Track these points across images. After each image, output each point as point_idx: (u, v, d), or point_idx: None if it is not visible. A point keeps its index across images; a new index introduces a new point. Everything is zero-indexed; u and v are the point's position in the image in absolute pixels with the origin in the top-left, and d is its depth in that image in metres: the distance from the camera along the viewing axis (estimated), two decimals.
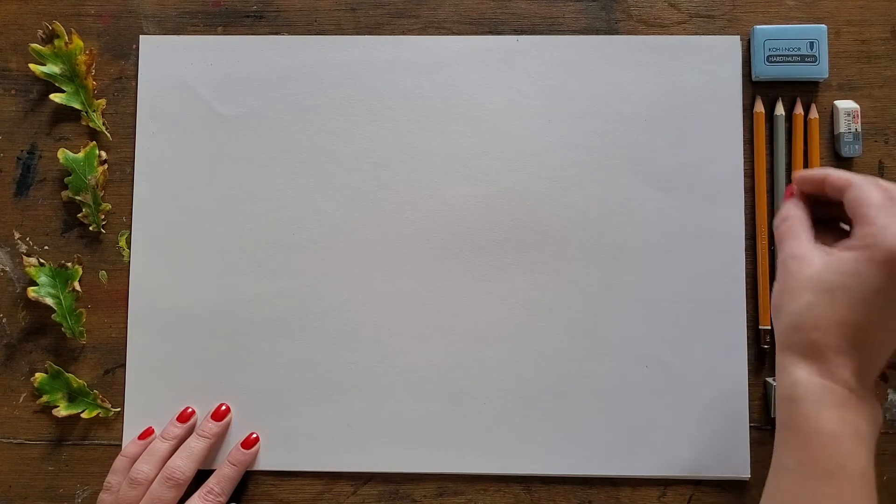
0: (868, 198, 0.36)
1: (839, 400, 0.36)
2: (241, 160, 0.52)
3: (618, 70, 0.52)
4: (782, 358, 0.38)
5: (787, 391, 0.37)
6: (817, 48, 0.50)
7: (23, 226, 0.53)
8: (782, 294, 0.38)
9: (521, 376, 0.50)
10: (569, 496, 0.50)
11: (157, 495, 0.46)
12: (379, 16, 0.53)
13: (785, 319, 0.38)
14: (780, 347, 0.38)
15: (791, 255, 0.39)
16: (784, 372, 0.37)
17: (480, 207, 0.51)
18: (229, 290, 0.51)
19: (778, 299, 0.39)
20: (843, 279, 0.36)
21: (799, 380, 0.36)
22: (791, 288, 0.38)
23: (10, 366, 0.52)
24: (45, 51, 0.52)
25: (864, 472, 0.35)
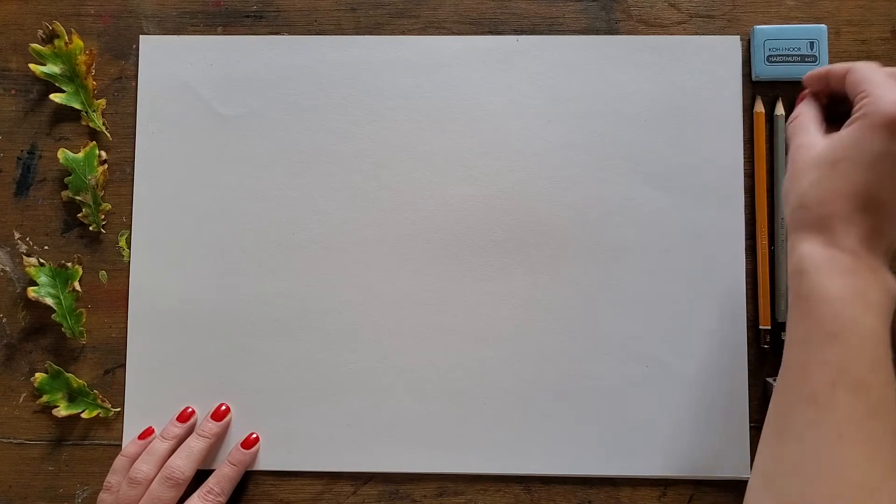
0: (866, 75, 0.38)
1: (845, 267, 0.36)
2: (241, 160, 0.52)
3: (618, 70, 0.52)
4: (791, 238, 0.38)
5: (795, 265, 0.37)
6: (817, 48, 0.50)
7: (23, 226, 0.53)
8: (790, 181, 0.39)
9: (521, 376, 0.50)
10: (569, 496, 0.50)
11: (156, 495, 0.46)
12: (379, 16, 0.53)
13: (792, 201, 0.38)
14: (790, 229, 0.39)
15: (798, 145, 0.40)
16: (793, 250, 0.38)
17: (480, 207, 0.51)
18: (229, 290, 0.51)
19: (786, 186, 0.40)
20: (845, 151, 0.37)
21: (805, 253, 0.37)
22: (796, 172, 0.39)
23: (10, 366, 0.52)
24: (45, 51, 0.52)
25: (872, 334, 0.35)
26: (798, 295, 0.37)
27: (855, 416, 0.34)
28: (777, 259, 0.50)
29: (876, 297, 0.36)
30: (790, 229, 0.39)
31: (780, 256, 0.50)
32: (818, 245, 0.37)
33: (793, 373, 0.37)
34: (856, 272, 0.36)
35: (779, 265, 0.50)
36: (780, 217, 0.50)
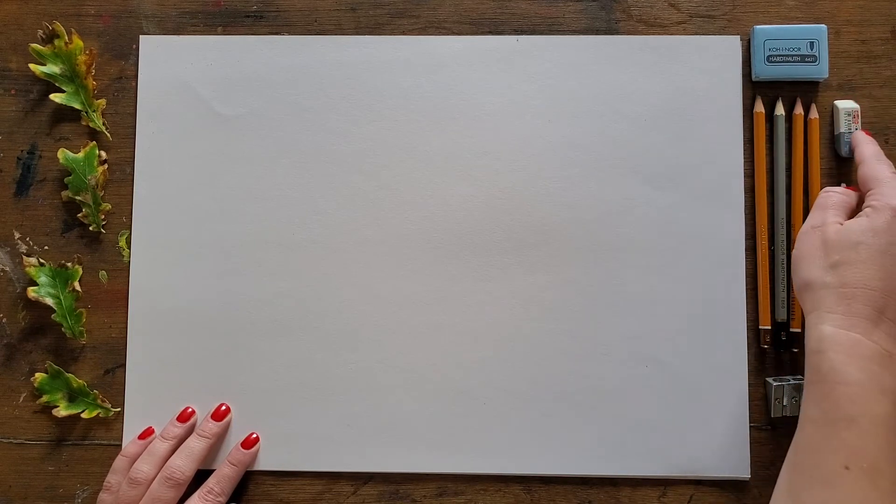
0: (876, 172, 0.42)
1: (865, 352, 0.37)
2: (241, 160, 0.52)
3: (618, 70, 0.52)
4: (810, 316, 0.40)
5: (815, 345, 0.38)
6: (817, 48, 0.50)
7: (23, 226, 0.53)
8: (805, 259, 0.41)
9: (521, 376, 0.50)
10: (569, 496, 0.50)
11: (156, 495, 0.47)
12: (379, 16, 0.53)
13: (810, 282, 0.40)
14: (809, 307, 0.40)
15: (814, 224, 0.42)
16: (812, 329, 0.39)
17: (480, 207, 0.51)
18: (229, 290, 0.51)
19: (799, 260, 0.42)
20: (862, 236, 0.39)
21: (825, 333, 0.38)
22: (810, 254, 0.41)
23: (10, 366, 0.52)
24: (45, 51, 0.52)
25: (887, 420, 0.36)
26: (816, 376, 0.38)
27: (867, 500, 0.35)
28: (777, 259, 0.50)
29: (892, 384, 0.37)
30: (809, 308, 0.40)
31: (779, 256, 0.50)
32: (839, 327, 0.38)
33: (806, 452, 0.37)
34: (874, 357, 0.37)
35: (778, 265, 0.50)
36: (781, 217, 0.50)
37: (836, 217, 0.42)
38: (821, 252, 0.41)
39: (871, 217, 0.40)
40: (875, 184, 0.42)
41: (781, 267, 0.50)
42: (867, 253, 0.39)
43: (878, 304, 0.38)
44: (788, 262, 0.50)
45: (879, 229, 0.39)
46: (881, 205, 0.40)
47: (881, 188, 0.41)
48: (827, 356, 0.38)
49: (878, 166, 0.43)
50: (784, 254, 0.50)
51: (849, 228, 0.40)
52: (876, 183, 0.42)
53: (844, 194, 0.44)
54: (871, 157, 0.44)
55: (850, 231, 0.40)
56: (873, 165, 0.43)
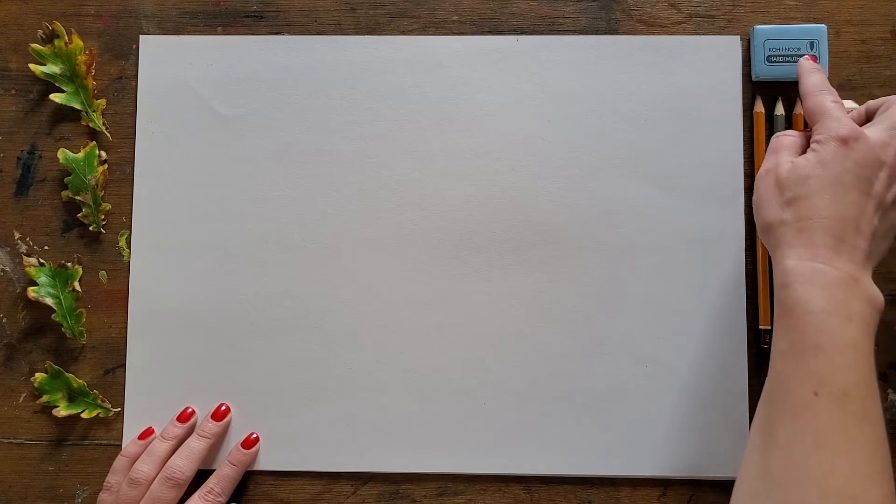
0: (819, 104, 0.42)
1: (829, 279, 0.37)
2: (241, 160, 0.52)
3: (618, 70, 0.52)
4: (775, 254, 0.40)
5: (780, 280, 0.39)
6: (817, 48, 0.50)
7: (23, 226, 0.53)
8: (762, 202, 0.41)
9: (521, 376, 0.50)
10: (569, 496, 0.50)
11: (157, 495, 0.47)
12: (379, 16, 0.53)
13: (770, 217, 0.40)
14: (772, 246, 0.40)
15: (767, 168, 0.42)
16: (777, 266, 0.39)
17: (480, 207, 0.51)
18: (229, 290, 0.51)
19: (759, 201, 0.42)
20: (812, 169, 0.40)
21: (789, 267, 0.38)
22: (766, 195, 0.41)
23: (10, 366, 0.52)
24: (45, 51, 0.52)
25: (855, 345, 0.36)
26: (783, 307, 0.38)
27: (837, 425, 0.35)
28: None
29: (858, 309, 0.37)
30: (772, 246, 0.40)
31: None
32: (803, 258, 0.38)
33: (777, 384, 0.38)
34: (839, 285, 0.37)
35: None
36: None
37: (788, 157, 0.42)
38: (776, 192, 0.41)
39: (818, 150, 0.40)
40: (819, 116, 0.42)
41: None
42: (818, 184, 0.39)
43: (836, 231, 0.38)
44: None
45: (827, 160, 0.39)
46: (825, 137, 0.40)
47: (824, 121, 0.41)
48: (792, 289, 0.38)
49: (820, 98, 0.42)
50: None
51: (798, 165, 0.40)
52: (820, 115, 0.42)
53: (796, 136, 0.43)
54: (814, 88, 0.43)
55: (800, 167, 0.40)
56: (815, 97, 0.43)
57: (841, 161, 0.39)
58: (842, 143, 0.39)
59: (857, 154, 0.39)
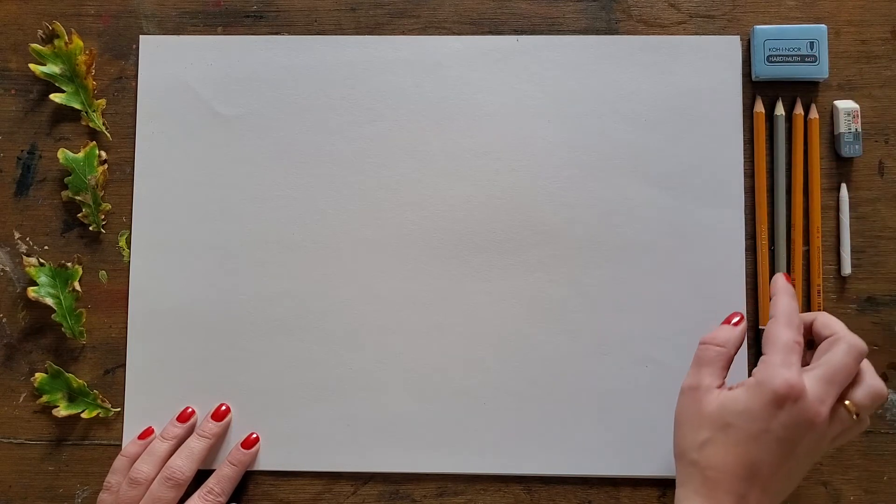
0: (775, 338, 0.40)
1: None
2: (241, 160, 0.52)
3: (618, 70, 0.52)
4: (679, 489, 0.40)
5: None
6: (817, 48, 0.50)
7: (23, 226, 0.53)
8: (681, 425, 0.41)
9: (521, 376, 0.50)
10: (569, 496, 0.50)
11: (157, 495, 0.46)
12: (379, 16, 0.53)
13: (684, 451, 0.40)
14: (679, 478, 0.40)
15: (691, 385, 0.42)
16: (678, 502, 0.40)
17: (480, 207, 0.51)
18: (229, 290, 0.51)
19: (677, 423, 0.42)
20: (736, 417, 0.39)
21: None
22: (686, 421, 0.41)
23: (10, 366, 0.52)
24: (45, 51, 0.52)
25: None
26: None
27: None
28: (777, 259, 0.50)
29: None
30: (679, 481, 0.40)
31: (779, 256, 0.50)
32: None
33: None
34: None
35: (779, 265, 0.50)
36: (781, 217, 0.50)
37: (713, 378, 0.41)
38: (695, 421, 0.40)
39: (748, 393, 0.39)
40: (769, 349, 0.40)
41: (781, 267, 0.50)
42: (736, 437, 0.38)
43: (741, 491, 0.38)
44: (788, 262, 0.50)
45: (754, 413, 0.38)
46: (762, 382, 0.38)
47: (772, 357, 0.39)
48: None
49: (783, 330, 0.40)
50: (784, 254, 0.50)
51: (723, 405, 0.39)
52: (770, 349, 0.40)
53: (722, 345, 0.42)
54: (781, 316, 0.41)
55: (725, 408, 0.39)
56: (777, 330, 0.40)
57: (768, 419, 0.38)
58: (775, 400, 0.38)
59: (788, 416, 0.38)
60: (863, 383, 0.40)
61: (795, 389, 0.38)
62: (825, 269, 0.50)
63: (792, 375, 0.38)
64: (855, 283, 0.50)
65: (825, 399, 0.38)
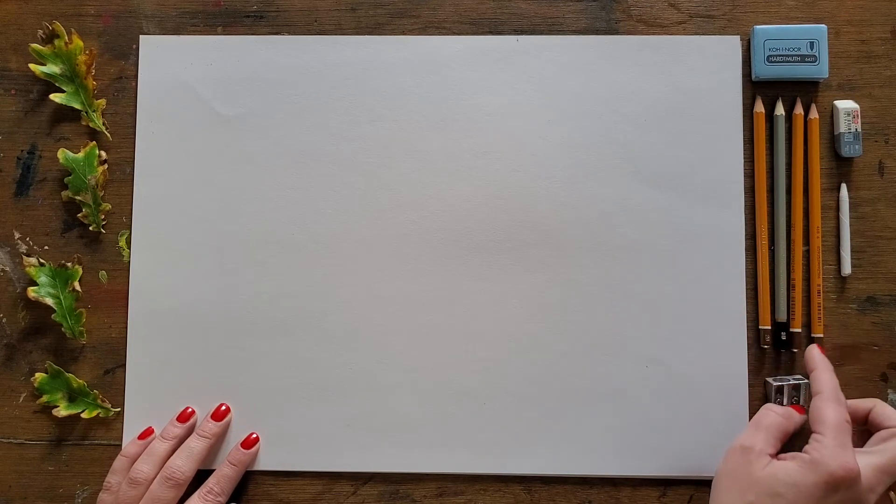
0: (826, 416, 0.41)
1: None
2: (241, 160, 0.52)
3: (618, 70, 0.52)
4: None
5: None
6: (817, 48, 0.50)
7: (23, 226, 0.53)
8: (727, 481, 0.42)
9: (521, 376, 0.50)
10: (569, 496, 0.50)
11: (156, 495, 0.46)
12: (379, 16, 0.53)
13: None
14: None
15: (745, 445, 0.42)
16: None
17: (480, 207, 0.51)
18: (229, 290, 0.51)
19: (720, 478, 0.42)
20: (786, 488, 0.39)
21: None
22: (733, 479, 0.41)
23: (10, 366, 0.52)
24: (45, 51, 0.52)
25: None
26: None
27: None
28: (777, 259, 0.50)
29: None
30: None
31: (779, 256, 0.50)
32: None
33: None
34: None
35: (779, 265, 0.50)
36: (781, 217, 0.50)
37: (768, 444, 0.42)
38: (742, 482, 0.41)
39: (802, 469, 0.39)
40: (823, 428, 0.41)
41: (781, 267, 0.50)
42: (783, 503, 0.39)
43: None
44: (788, 262, 0.50)
45: (804, 489, 0.39)
46: (819, 462, 0.39)
47: (827, 438, 0.40)
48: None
49: (832, 406, 0.41)
50: (784, 254, 0.50)
51: (775, 474, 0.40)
52: (825, 428, 0.41)
53: (784, 416, 0.43)
54: (828, 392, 0.42)
55: (776, 478, 0.40)
56: (827, 404, 0.42)
57: (819, 498, 0.38)
58: (830, 483, 0.38)
59: (840, 499, 0.38)
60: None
61: (852, 474, 0.38)
62: (825, 269, 0.50)
63: (849, 460, 0.39)
64: (855, 283, 0.50)
65: (876, 488, 0.39)
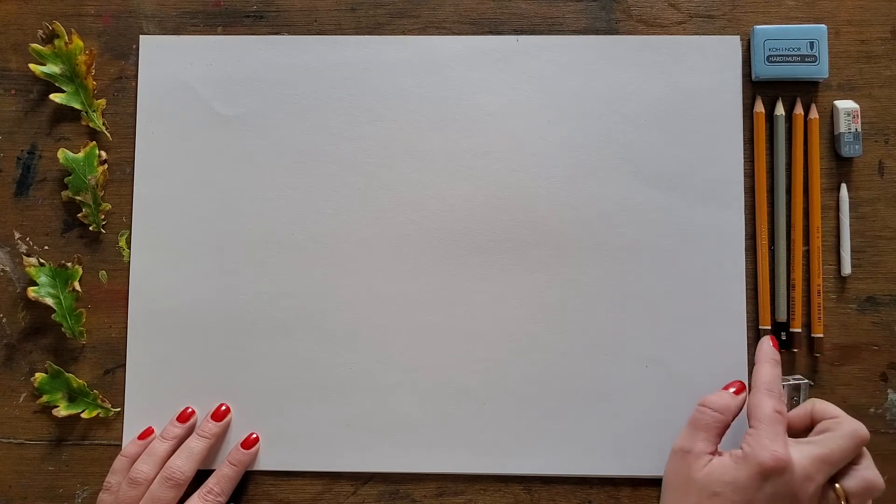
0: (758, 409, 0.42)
1: None
2: (241, 160, 0.52)
3: (618, 70, 0.52)
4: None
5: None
6: (817, 48, 0.50)
7: (23, 226, 0.53)
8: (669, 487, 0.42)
9: (521, 376, 0.50)
10: (569, 496, 0.50)
11: (156, 495, 0.46)
12: (379, 16, 0.53)
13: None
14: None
15: (683, 448, 0.42)
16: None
17: (480, 207, 0.51)
18: (229, 290, 0.51)
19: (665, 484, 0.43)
20: (723, 487, 0.40)
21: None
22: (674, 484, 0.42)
23: (10, 366, 0.52)
24: (45, 51, 0.52)
25: None
26: None
27: None
28: (777, 259, 0.50)
29: None
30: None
31: (779, 256, 0.50)
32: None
33: None
34: None
35: (779, 265, 0.50)
36: (781, 217, 0.50)
37: (707, 443, 0.42)
38: (682, 486, 0.41)
39: (737, 465, 0.40)
40: (754, 422, 0.41)
41: (781, 267, 0.50)
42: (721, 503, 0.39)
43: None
44: (788, 262, 0.50)
45: (739, 484, 0.39)
46: (749, 455, 0.40)
47: (758, 430, 0.40)
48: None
49: (764, 400, 0.42)
50: (784, 254, 0.50)
51: (711, 473, 0.40)
52: (755, 421, 0.41)
53: (720, 411, 0.43)
54: (762, 385, 0.43)
55: (712, 477, 0.40)
56: (760, 399, 0.42)
57: (753, 490, 0.39)
58: (761, 473, 0.39)
59: (773, 488, 0.38)
60: (858, 471, 0.41)
61: (781, 462, 0.39)
62: (825, 269, 0.50)
63: (778, 448, 0.39)
64: (855, 283, 0.50)
65: (814, 477, 0.39)
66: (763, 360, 0.45)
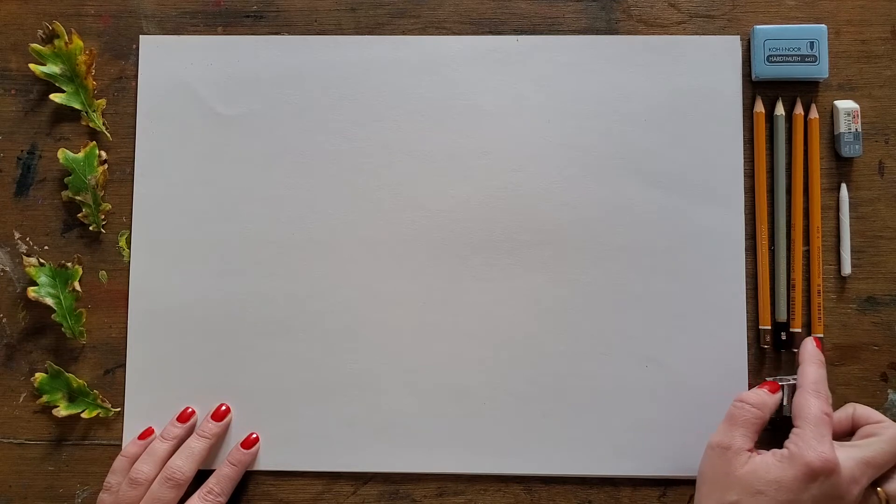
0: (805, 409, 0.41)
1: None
2: (241, 160, 0.52)
3: (618, 70, 0.52)
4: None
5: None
6: (817, 48, 0.50)
7: (23, 226, 0.53)
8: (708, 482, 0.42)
9: (521, 376, 0.50)
10: (569, 496, 0.50)
11: (157, 495, 0.46)
12: (379, 16, 0.53)
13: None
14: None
15: (721, 444, 0.42)
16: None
17: (480, 207, 0.51)
18: (229, 290, 0.51)
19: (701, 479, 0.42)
20: (767, 485, 0.39)
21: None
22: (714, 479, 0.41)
23: (10, 366, 0.52)
24: (45, 51, 0.52)
25: None
26: None
27: None
28: (777, 259, 0.50)
29: None
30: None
31: (779, 256, 0.50)
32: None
33: None
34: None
35: (779, 265, 0.50)
36: (781, 217, 0.50)
37: (745, 439, 0.42)
38: (723, 481, 0.41)
39: (782, 464, 0.40)
40: (801, 422, 0.41)
41: (781, 267, 0.50)
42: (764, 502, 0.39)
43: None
44: (788, 262, 0.50)
45: (785, 484, 0.39)
46: (796, 455, 0.40)
47: (805, 431, 0.40)
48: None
49: (810, 403, 0.42)
50: (784, 254, 0.50)
51: (755, 471, 0.40)
52: (802, 422, 0.41)
53: (758, 407, 0.43)
54: (810, 386, 0.43)
55: (756, 475, 0.40)
56: (806, 399, 0.42)
57: (798, 492, 0.39)
58: (808, 474, 0.39)
59: (819, 490, 0.38)
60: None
61: (829, 464, 0.39)
62: (825, 269, 0.50)
63: (826, 450, 0.39)
64: (855, 283, 0.50)
65: (859, 480, 0.39)
66: (809, 361, 0.45)
